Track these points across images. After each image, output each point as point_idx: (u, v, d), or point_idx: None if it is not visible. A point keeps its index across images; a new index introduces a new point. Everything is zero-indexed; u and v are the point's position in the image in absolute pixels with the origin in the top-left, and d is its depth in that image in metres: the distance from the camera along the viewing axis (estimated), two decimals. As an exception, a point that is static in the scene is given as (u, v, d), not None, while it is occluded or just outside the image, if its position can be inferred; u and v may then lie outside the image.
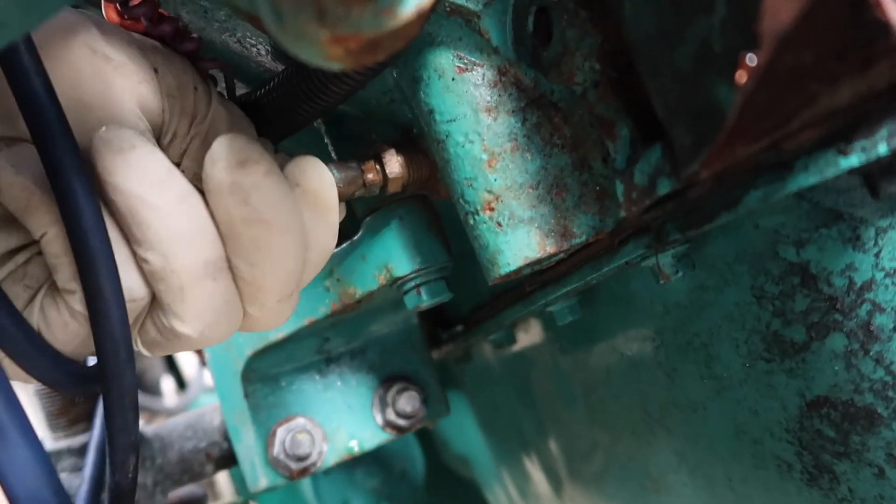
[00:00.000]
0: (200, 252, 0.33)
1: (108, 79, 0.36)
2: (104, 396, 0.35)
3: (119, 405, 0.35)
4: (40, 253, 0.34)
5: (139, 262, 0.33)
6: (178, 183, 0.34)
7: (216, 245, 0.34)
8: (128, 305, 0.32)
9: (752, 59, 0.24)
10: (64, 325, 0.33)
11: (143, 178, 0.32)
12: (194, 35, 0.42)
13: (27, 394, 0.66)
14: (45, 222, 0.32)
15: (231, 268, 0.35)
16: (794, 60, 0.24)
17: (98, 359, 0.33)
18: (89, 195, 0.31)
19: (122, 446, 0.36)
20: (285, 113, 0.43)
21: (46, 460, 0.27)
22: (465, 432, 0.95)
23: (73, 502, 0.54)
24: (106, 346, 0.32)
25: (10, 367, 0.32)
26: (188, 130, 0.40)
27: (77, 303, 0.32)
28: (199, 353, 1.58)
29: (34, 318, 0.33)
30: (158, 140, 0.39)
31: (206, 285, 0.34)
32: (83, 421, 0.60)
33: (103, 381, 0.33)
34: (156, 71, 0.38)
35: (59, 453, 0.58)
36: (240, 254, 0.35)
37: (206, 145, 0.39)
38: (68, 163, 0.31)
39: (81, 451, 0.59)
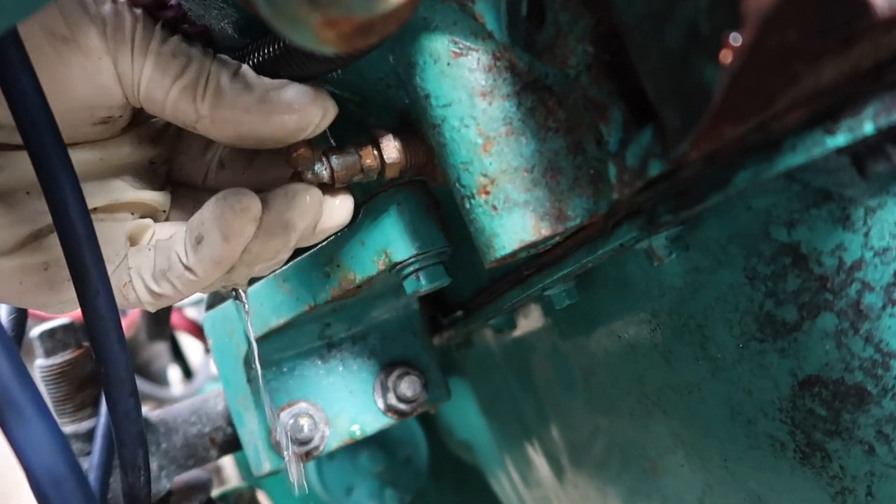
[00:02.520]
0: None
1: (69, 62, 0.36)
2: (103, 384, 0.36)
3: (118, 391, 0.36)
4: None
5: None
6: None
7: None
8: None
9: (736, 39, 0.24)
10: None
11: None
12: (173, 3, 0.43)
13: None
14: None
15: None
16: (778, 40, 0.24)
17: (92, 346, 0.34)
18: (75, 187, 0.33)
19: (130, 438, 0.37)
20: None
21: (62, 438, 0.28)
22: (468, 418, 0.96)
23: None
24: (98, 328, 0.33)
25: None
26: (168, 85, 0.40)
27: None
28: (205, 341, 1.59)
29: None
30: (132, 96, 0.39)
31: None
32: (89, 407, 0.61)
33: (100, 369, 0.34)
34: (102, 31, 0.38)
35: (68, 437, 0.59)
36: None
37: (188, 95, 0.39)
38: (55, 156, 0.32)
39: (88, 436, 0.60)
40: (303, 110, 0.40)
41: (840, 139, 0.28)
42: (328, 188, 0.45)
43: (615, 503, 0.65)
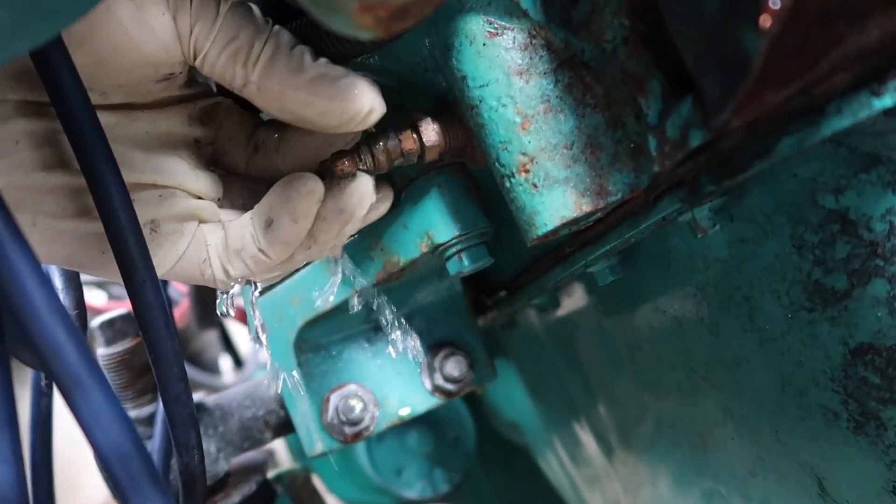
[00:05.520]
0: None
1: (136, 19, 0.37)
2: (154, 369, 0.38)
3: (168, 374, 0.37)
4: None
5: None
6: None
7: None
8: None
9: (775, 3, 0.24)
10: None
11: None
12: None
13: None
14: None
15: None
16: (818, 1, 0.24)
17: (141, 333, 0.36)
18: (116, 176, 0.35)
19: (181, 419, 0.38)
20: None
21: (126, 418, 0.29)
22: (514, 399, 0.96)
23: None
24: (146, 316, 0.35)
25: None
26: (205, 36, 0.40)
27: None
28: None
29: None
30: (188, 55, 0.40)
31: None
32: (149, 392, 0.64)
33: (149, 354, 0.36)
34: None
35: (128, 422, 0.62)
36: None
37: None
38: (98, 151, 0.34)
39: (149, 420, 0.63)
40: (350, 102, 0.40)
41: (887, 100, 0.27)
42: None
43: (666, 479, 0.65)
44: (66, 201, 0.38)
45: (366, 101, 0.40)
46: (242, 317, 1.39)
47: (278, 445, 1.41)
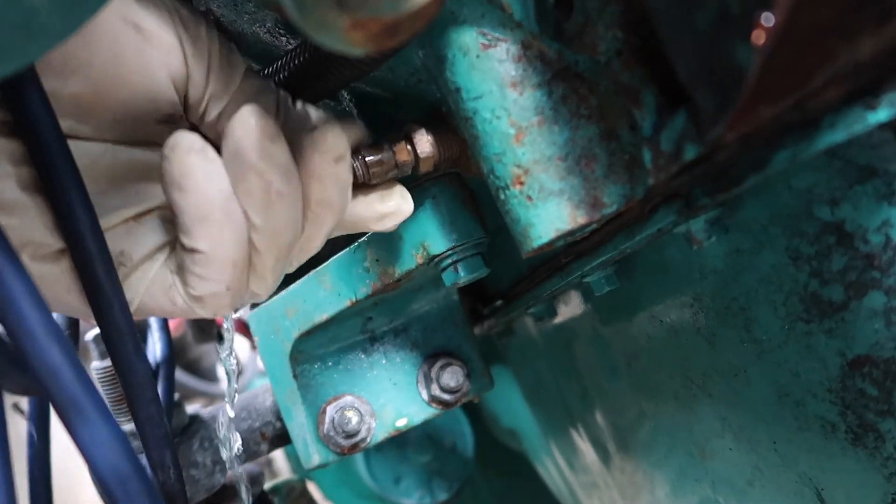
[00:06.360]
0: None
1: (140, 50, 0.36)
2: (125, 393, 0.37)
3: (139, 398, 0.37)
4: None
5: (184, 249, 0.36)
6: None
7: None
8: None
9: (768, 19, 0.24)
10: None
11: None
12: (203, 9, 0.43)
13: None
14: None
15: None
16: (811, 17, 0.23)
17: (110, 356, 0.35)
18: (83, 200, 0.33)
19: (156, 441, 0.38)
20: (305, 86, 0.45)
21: (124, 439, 0.29)
22: (512, 406, 0.96)
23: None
24: (114, 340, 0.34)
25: None
26: (222, 91, 0.39)
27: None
28: (251, 338, 1.63)
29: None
30: (194, 105, 0.39)
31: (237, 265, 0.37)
32: (144, 405, 0.63)
33: (119, 379, 0.35)
34: (179, 34, 0.37)
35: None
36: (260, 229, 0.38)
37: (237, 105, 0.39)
38: (63, 169, 0.33)
39: (144, 433, 0.62)
40: (347, 136, 0.42)
41: (881, 114, 0.27)
42: (370, 187, 0.46)
43: (664, 487, 0.65)
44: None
45: (356, 133, 0.44)
46: (242, 328, 1.38)
47: (277, 454, 1.40)
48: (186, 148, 0.34)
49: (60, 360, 0.26)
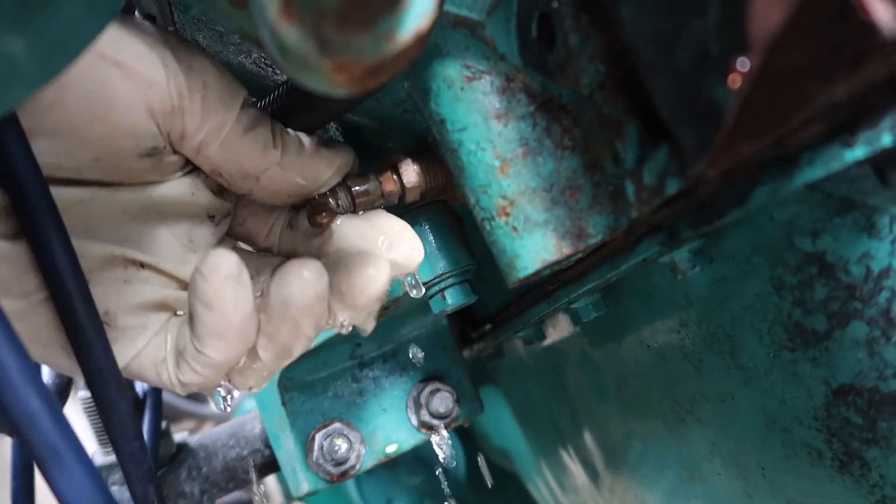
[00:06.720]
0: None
1: (117, 88, 0.35)
2: (106, 430, 0.37)
3: (121, 436, 0.37)
4: None
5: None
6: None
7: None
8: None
9: (743, 64, 0.24)
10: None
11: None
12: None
13: (77, 410, 0.69)
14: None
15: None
16: (786, 62, 0.24)
17: (92, 396, 0.35)
18: (63, 240, 0.33)
19: (138, 477, 0.38)
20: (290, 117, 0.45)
21: (100, 481, 0.29)
22: (503, 426, 0.96)
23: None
24: (96, 379, 0.34)
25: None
26: (219, 122, 0.38)
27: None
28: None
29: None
30: (191, 135, 0.38)
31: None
32: (131, 434, 0.63)
33: (101, 416, 0.35)
34: (165, 66, 0.36)
35: (109, 467, 0.61)
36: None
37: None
38: (42, 209, 0.33)
39: (131, 463, 0.62)
40: (337, 162, 0.43)
41: (858, 152, 0.28)
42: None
43: (654, 510, 0.65)
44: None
45: (347, 160, 0.44)
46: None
47: (268, 478, 1.39)
48: (225, 274, 0.35)
49: (38, 408, 0.26)
